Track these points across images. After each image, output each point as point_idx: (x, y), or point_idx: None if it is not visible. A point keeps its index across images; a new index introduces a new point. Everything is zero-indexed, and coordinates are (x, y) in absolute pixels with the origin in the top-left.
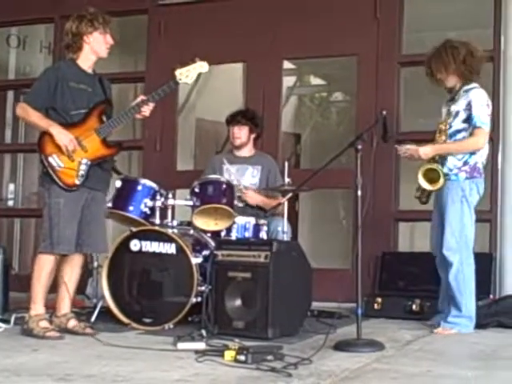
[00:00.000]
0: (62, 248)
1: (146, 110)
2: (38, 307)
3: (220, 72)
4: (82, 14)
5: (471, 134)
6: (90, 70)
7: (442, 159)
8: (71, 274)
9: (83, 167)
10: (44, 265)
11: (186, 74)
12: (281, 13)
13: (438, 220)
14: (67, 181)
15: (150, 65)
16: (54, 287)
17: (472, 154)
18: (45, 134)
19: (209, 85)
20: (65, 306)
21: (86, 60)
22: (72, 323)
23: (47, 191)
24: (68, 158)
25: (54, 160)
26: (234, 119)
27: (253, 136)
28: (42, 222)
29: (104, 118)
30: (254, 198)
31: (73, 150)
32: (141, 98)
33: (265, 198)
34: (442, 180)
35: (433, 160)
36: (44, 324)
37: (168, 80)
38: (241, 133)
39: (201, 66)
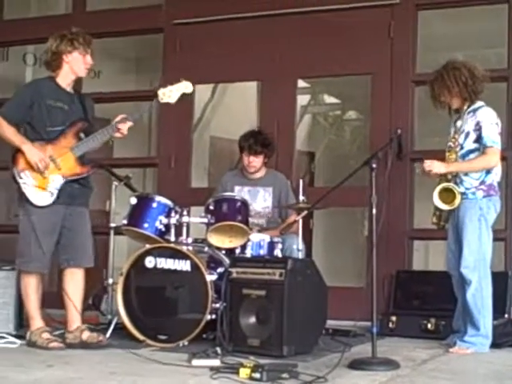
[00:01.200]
0: (35, 266)
1: (124, 127)
2: (36, 322)
3: (234, 90)
4: (63, 33)
5: (483, 153)
6: (68, 88)
7: (458, 179)
8: (74, 288)
9: (55, 185)
10: (27, 283)
11: (169, 95)
12: (295, 31)
13: (454, 238)
14: (39, 198)
15: (166, 82)
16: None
17: (488, 173)
18: (18, 150)
19: (223, 103)
20: (75, 320)
21: (65, 78)
22: (86, 334)
23: (22, 208)
24: (40, 175)
25: (27, 176)
26: (251, 149)
27: (266, 160)
28: (18, 238)
29: (82, 136)
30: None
31: (44, 167)
32: (120, 116)
33: (277, 230)
34: (458, 199)
35: (446, 179)
36: (46, 335)
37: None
38: (256, 161)
39: (185, 87)
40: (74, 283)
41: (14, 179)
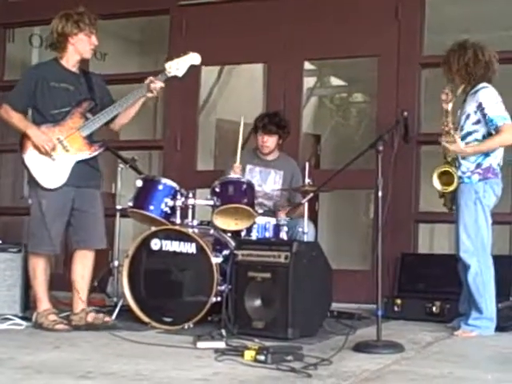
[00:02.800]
0: (45, 249)
1: (156, 86)
2: (43, 303)
3: (241, 72)
4: (68, 13)
5: (496, 133)
6: (74, 69)
7: (457, 162)
8: (83, 270)
9: (64, 167)
10: (35, 264)
11: (176, 67)
12: (302, 13)
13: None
14: (48, 180)
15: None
16: (66, 285)
17: (486, 156)
18: (25, 135)
19: (229, 85)
20: (81, 303)
21: (70, 59)
22: (92, 316)
23: (31, 191)
24: (48, 157)
25: (35, 159)
26: (265, 128)
27: (280, 141)
28: (29, 220)
29: (89, 116)
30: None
31: (52, 149)
32: (149, 79)
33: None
34: (455, 182)
35: (447, 162)
36: (52, 317)
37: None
38: (270, 141)
39: (192, 58)
40: (84, 265)
41: (23, 163)
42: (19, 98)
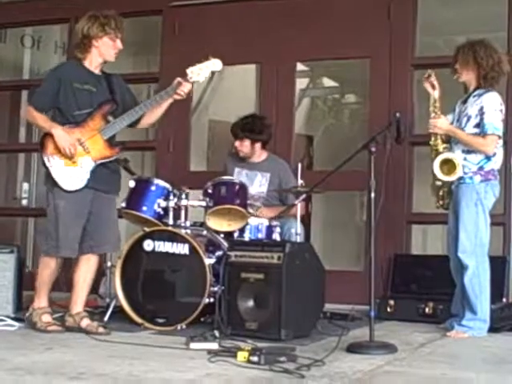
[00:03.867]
0: (65, 252)
1: (184, 89)
2: (41, 301)
3: (233, 73)
4: (95, 15)
5: (483, 137)
6: (96, 71)
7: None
8: (86, 274)
9: (85, 168)
10: (47, 266)
11: (198, 72)
12: (294, 15)
13: (454, 223)
14: (68, 182)
15: (164, 65)
16: (66, 286)
17: (488, 160)
18: (47, 134)
19: (222, 86)
20: (78, 305)
21: (93, 61)
22: (85, 322)
23: (49, 193)
24: (69, 160)
25: (55, 160)
26: (233, 132)
27: (257, 145)
28: (46, 222)
29: (110, 118)
30: (267, 215)
31: (73, 153)
32: (177, 80)
33: (276, 209)
34: (458, 169)
35: (440, 153)
36: (46, 318)
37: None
38: (242, 146)
39: (213, 64)
40: (88, 268)
41: (43, 164)
42: (43, 98)
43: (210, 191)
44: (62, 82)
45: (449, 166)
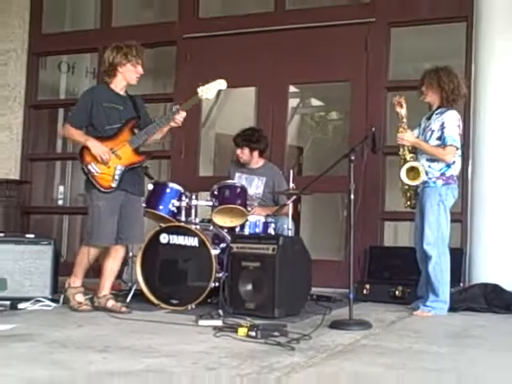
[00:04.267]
0: (103, 241)
1: (179, 118)
2: (77, 281)
3: (236, 94)
4: (119, 45)
5: (443, 148)
6: (121, 92)
7: (424, 169)
8: (113, 263)
9: (118, 172)
10: (87, 253)
11: (207, 91)
12: (287, 45)
13: (420, 221)
14: (104, 184)
15: (178, 87)
16: (96, 273)
17: (448, 167)
18: (84, 147)
19: (227, 105)
20: (105, 288)
21: (118, 84)
22: (111, 303)
23: (89, 194)
24: (104, 165)
25: (93, 167)
26: (235, 142)
27: (255, 153)
28: (88, 218)
29: (136, 131)
30: (261, 213)
31: (107, 159)
32: (175, 107)
33: (269, 209)
34: (421, 176)
35: (407, 161)
36: (79, 298)
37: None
38: (242, 154)
39: (219, 84)
40: (115, 258)
41: (82, 171)
42: (79, 117)
43: (215, 193)
44: (94, 102)
45: (414, 172)
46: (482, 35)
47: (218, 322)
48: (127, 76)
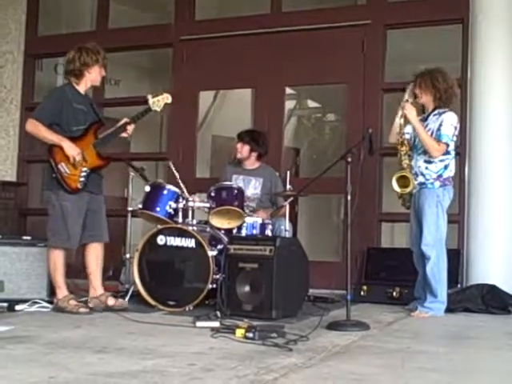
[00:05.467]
0: (74, 243)
1: (130, 129)
2: (63, 291)
3: (233, 96)
4: (87, 47)
5: (437, 143)
6: (84, 93)
7: (419, 170)
8: (97, 260)
9: (83, 174)
10: (57, 257)
11: (157, 104)
12: (284, 47)
13: (415, 222)
14: (72, 185)
15: (175, 88)
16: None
17: (445, 169)
18: (54, 145)
19: (223, 107)
20: (99, 287)
21: (84, 85)
22: (112, 301)
23: (54, 194)
24: (72, 167)
25: (63, 167)
26: (239, 136)
27: (254, 154)
28: (49, 220)
29: (99, 135)
30: (262, 216)
31: (79, 161)
32: (124, 120)
33: (269, 211)
34: (411, 185)
35: (403, 169)
36: (74, 302)
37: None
38: (242, 149)
39: (167, 98)
40: (97, 256)
41: (52, 169)
42: (48, 113)
43: (212, 194)
44: (64, 102)
45: (405, 180)
46: (478, 37)
47: (216, 324)
48: (94, 77)
